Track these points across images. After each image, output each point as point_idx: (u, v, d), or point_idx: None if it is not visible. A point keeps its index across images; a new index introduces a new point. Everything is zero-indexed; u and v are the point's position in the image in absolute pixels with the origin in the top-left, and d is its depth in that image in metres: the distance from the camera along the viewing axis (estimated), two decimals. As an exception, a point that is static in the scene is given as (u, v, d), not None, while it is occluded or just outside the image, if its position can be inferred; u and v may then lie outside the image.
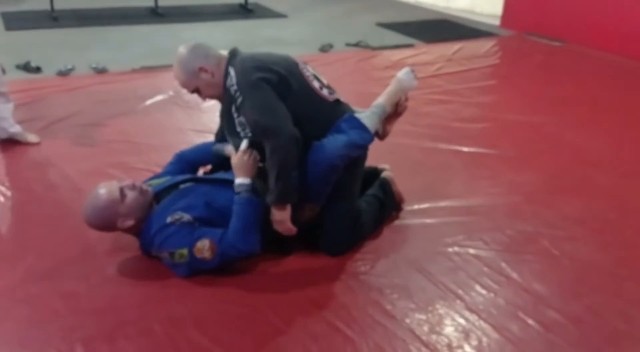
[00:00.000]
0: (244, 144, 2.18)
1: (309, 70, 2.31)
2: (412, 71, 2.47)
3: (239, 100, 2.15)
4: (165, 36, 5.59)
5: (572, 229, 2.59)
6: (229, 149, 2.31)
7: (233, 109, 2.19)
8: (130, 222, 2.14)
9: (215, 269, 2.13)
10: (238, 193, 2.14)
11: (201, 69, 2.19)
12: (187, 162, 2.49)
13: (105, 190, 2.12)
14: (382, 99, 2.44)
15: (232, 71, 2.18)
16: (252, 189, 2.15)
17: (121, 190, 2.12)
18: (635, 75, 4.94)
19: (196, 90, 2.25)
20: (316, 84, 2.28)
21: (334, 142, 2.19)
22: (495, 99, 4.24)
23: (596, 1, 5.60)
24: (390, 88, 2.46)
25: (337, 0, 7.56)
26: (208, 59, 2.20)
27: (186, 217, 2.11)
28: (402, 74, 2.46)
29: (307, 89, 2.24)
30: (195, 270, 2.13)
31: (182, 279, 2.14)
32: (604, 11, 5.54)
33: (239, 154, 2.17)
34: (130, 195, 2.13)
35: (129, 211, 2.12)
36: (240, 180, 2.15)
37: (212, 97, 2.29)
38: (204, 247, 2.05)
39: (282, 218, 2.16)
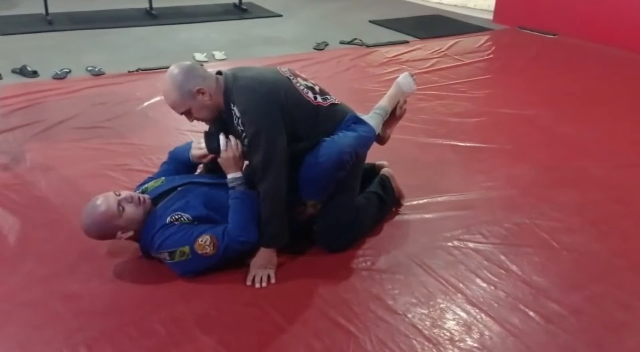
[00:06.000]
0: (222, 141, 2.18)
1: (300, 83, 2.27)
2: (411, 75, 2.64)
3: (245, 139, 2.15)
4: (161, 37, 5.57)
5: (570, 220, 2.60)
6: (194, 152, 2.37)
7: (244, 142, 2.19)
8: (129, 234, 2.16)
9: (214, 268, 2.15)
10: (232, 188, 2.19)
11: (199, 91, 2.12)
12: (180, 162, 2.47)
13: (104, 206, 2.10)
14: (383, 102, 2.56)
15: (236, 110, 2.13)
16: (245, 181, 2.19)
17: (119, 204, 2.11)
18: (628, 66, 4.96)
19: (187, 112, 2.18)
20: (311, 95, 2.26)
21: (345, 138, 2.23)
22: (490, 93, 4.25)
23: (589, -7, 5.63)
24: (391, 92, 2.60)
25: (330, -2, 7.58)
26: (205, 81, 2.13)
27: (185, 216, 2.14)
28: (402, 78, 2.62)
29: (304, 104, 2.22)
30: (196, 269, 2.14)
31: (183, 278, 2.15)
32: (596, 3, 5.56)
33: (222, 154, 2.19)
34: (129, 208, 2.13)
35: (128, 224, 2.13)
36: (232, 175, 2.19)
37: (202, 119, 2.23)
38: (205, 242, 2.08)
39: (265, 262, 2.17)
